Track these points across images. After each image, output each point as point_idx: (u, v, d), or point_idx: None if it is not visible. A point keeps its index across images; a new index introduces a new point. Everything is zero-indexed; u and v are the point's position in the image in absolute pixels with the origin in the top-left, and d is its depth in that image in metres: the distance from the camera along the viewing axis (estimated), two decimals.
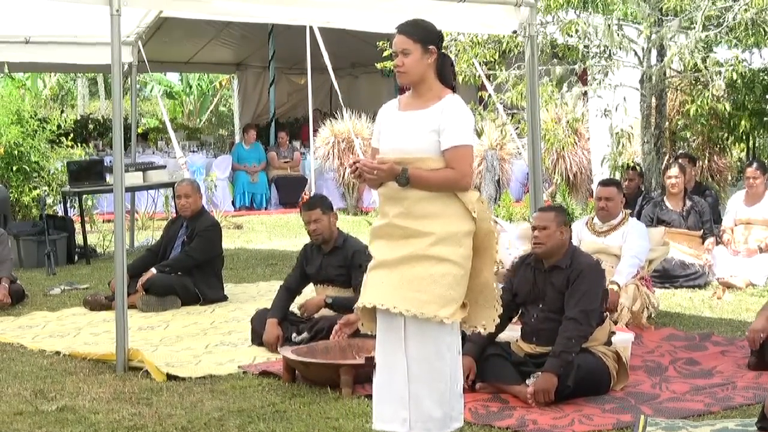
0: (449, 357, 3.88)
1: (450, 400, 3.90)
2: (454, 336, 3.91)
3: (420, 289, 3.79)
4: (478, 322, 3.99)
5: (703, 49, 9.05)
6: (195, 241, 7.77)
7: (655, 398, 4.95)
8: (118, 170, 5.70)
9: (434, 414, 3.84)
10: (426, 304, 3.79)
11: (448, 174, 3.87)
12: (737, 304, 7.29)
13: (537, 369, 4.89)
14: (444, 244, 3.82)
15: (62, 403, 4.94)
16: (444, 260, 3.81)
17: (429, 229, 3.83)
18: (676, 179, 8.26)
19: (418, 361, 3.82)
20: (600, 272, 5.22)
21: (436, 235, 3.82)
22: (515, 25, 6.92)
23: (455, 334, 3.91)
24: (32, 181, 10.68)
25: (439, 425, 3.87)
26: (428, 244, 3.82)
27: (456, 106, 3.93)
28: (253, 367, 5.63)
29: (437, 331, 3.82)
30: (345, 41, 14.54)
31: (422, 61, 3.96)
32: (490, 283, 3.93)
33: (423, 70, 3.98)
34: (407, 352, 3.83)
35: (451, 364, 3.89)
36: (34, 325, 7.04)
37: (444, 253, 3.81)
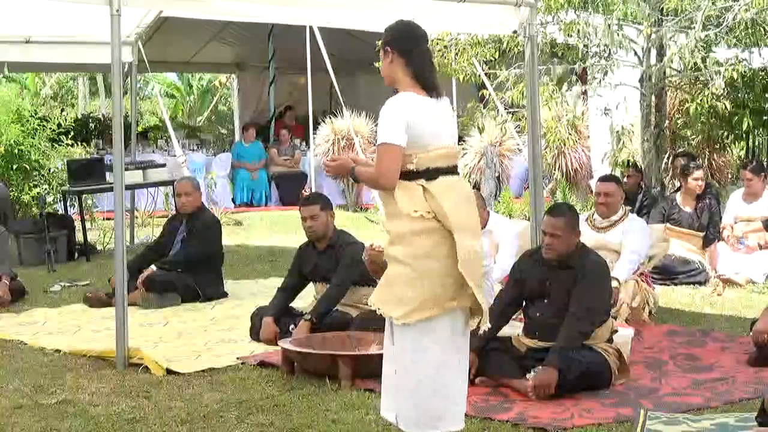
0: (419, 358, 3.79)
1: (425, 402, 3.80)
2: (425, 338, 3.78)
3: (384, 288, 3.85)
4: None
5: (703, 48, 9.06)
6: (194, 238, 7.78)
7: (655, 392, 4.96)
8: (118, 169, 5.70)
9: (408, 412, 3.81)
10: (385, 303, 3.81)
11: (371, 173, 3.87)
12: (737, 300, 7.30)
13: (538, 363, 4.90)
14: (396, 243, 3.81)
15: (62, 397, 4.95)
16: (396, 260, 3.80)
17: (388, 228, 3.86)
18: (703, 181, 8.34)
19: (395, 357, 3.85)
20: (607, 272, 5.26)
21: (391, 235, 3.84)
22: (515, 25, 6.93)
23: (425, 339, 3.78)
24: (32, 180, 10.67)
25: (412, 424, 3.81)
26: (388, 243, 3.87)
27: (386, 105, 3.86)
28: (251, 358, 5.66)
29: (399, 330, 3.80)
30: (345, 41, 14.55)
31: (385, 63, 3.94)
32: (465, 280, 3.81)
33: (389, 71, 3.94)
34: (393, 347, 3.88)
35: (423, 366, 3.79)
36: (34, 321, 7.04)
37: (395, 252, 3.80)
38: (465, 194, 3.89)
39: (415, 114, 3.79)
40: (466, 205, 3.85)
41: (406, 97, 3.84)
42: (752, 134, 11.30)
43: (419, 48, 3.91)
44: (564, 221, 5.13)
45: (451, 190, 3.82)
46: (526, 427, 4.43)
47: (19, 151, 10.45)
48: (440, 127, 3.88)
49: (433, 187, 3.79)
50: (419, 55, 3.90)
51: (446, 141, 3.90)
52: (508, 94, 10.01)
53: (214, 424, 4.51)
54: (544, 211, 5.71)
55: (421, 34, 3.97)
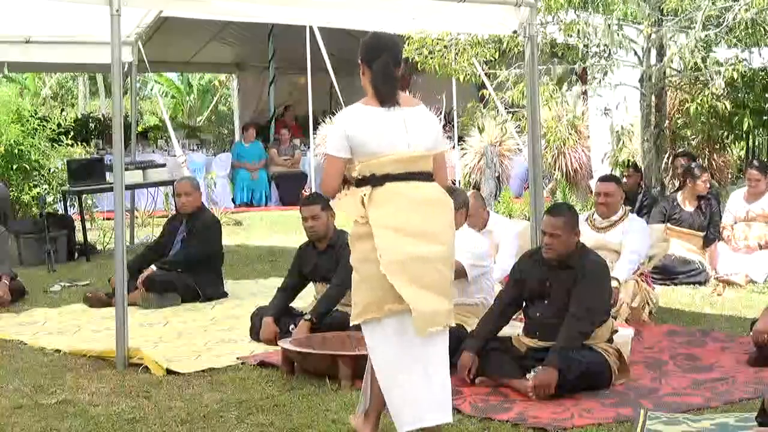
0: (373, 356, 4.02)
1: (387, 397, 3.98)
2: (375, 336, 3.98)
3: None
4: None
5: (703, 48, 9.06)
6: (194, 238, 7.78)
7: (655, 392, 4.95)
8: (118, 169, 5.70)
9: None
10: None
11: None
12: (737, 301, 7.30)
13: (538, 363, 4.90)
14: (351, 248, 4.09)
15: (62, 397, 4.95)
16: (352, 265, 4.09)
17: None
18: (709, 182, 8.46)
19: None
20: (606, 272, 5.26)
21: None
22: (515, 25, 6.93)
23: (375, 337, 3.98)
24: (32, 180, 10.67)
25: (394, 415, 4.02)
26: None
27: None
28: (251, 358, 5.67)
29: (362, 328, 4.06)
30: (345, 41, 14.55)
31: (362, 77, 4.11)
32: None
33: (363, 84, 4.11)
34: None
35: (377, 364, 4.00)
36: (34, 321, 7.05)
37: (350, 258, 4.11)
38: (418, 199, 3.99)
39: (355, 125, 4.00)
40: (416, 210, 3.97)
41: (349, 110, 4.09)
42: (752, 134, 11.30)
43: (379, 59, 4.05)
44: (563, 221, 5.13)
45: (398, 196, 3.97)
46: (526, 427, 4.43)
47: (19, 151, 10.45)
48: (391, 135, 4.00)
49: (376, 193, 3.97)
50: (377, 67, 4.04)
51: (400, 148, 4.01)
52: (508, 94, 10.01)
53: (214, 424, 4.51)
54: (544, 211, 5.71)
55: (384, 45, 4.10)
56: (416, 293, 3.91)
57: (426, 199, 4.02)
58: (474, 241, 5.66)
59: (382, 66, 4.04)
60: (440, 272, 4.00)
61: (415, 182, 4.02)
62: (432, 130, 4.14)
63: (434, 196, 4.07)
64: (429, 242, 3.97)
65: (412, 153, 4.04)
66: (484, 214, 7.15)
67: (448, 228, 4.09)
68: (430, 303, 3.94)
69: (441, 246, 4.00)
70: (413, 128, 4.07)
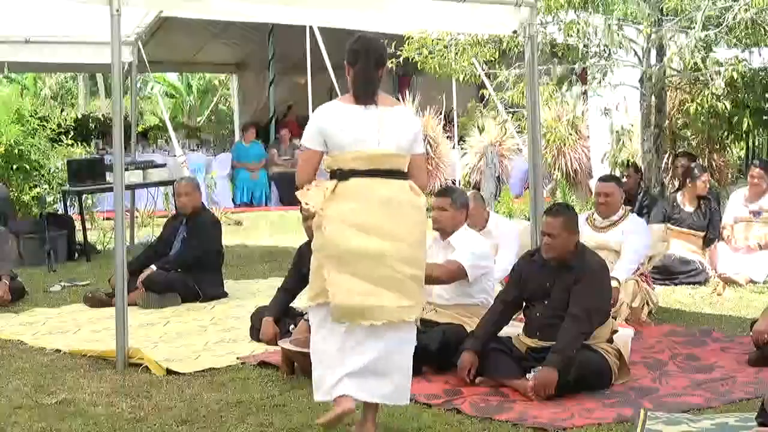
0: (313, 338, 4.29)
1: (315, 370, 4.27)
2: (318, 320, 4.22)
3: None
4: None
5: (703, 48, 9.06)
6: (195, 238, 7.78)
7: (655, 392, 4.96)
8: (118, 169, 5.71)
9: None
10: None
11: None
12: (737, 300, 7.31)
13: (538, 363, 4.91)
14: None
15: (62, 397, 4.96)
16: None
17: None
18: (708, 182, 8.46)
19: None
20: (606, 272, 5.27)
21: None
22: (515, 25, 6.93)
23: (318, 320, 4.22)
24: (32, 180, 10.66)
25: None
26: None
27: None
28: (251, 358, 5.67)
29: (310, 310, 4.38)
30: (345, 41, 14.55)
31: (347, 76, 4.29)
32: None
33: (348, 83, 4.28)
34: None
35: (314, 343, 4.27)
36: (34, 321, 7.05)
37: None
38: (380, 196, 4.10)
39: (329, 121, 4.17)
40: (376, 206, 4.09)
41: (325, 106, 4.27)
42: (752, 134, 11.30)
43: (359, 61, 4.21)
44: (562, 221, 5.13)
45: (361, 192, 4.10)
46: (526, 427, 4.43)
47: (19, 151, 10.44)
48: (363, 132, 4.13)
49: (341, 187, 4.12)
50: (358, 67, 4.21)
51: (369, 145, 4.12)
52: (508, 94, 10.01)
53: (214, 424, 4.51)
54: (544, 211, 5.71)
55: (365, 47, 4.25)
56: (348, 284, 4.05)
57: (389, 198, 4.12)
58: (475, 242, 5.66)
59: (362, 67, 4.20)
60: (393, 268, 4.09)
61: (382, 179, 4.13)
62: (408, 131, 4.23)
63: (399, 195, 4.15)
64: (383, 239, 4.07)
65: (380, 151, 4.14)
66: (484, 214, 7.15)
67: (412, 227, 4.16)
68: (370, 296, 4.05)
69: (399, 243, 4.10)
70: (387, 127, 4.17)
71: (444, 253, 5.65)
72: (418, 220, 4.19)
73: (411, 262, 4.15)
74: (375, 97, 4.20)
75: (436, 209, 5.70)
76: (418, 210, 4.20)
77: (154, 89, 24.38)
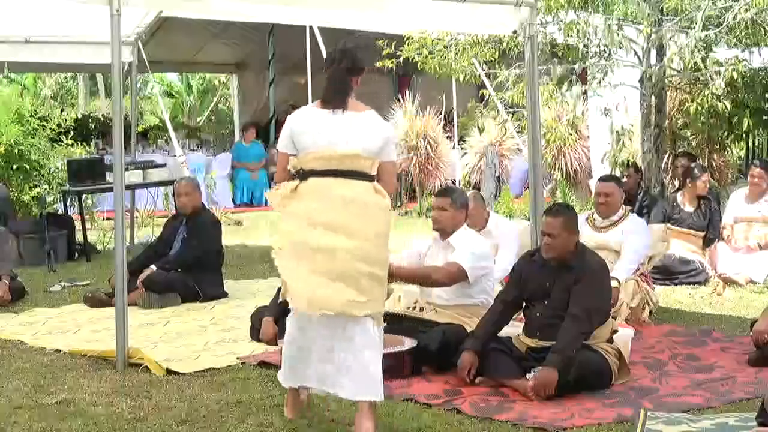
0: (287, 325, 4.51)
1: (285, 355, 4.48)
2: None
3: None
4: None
5: (703, 48, 9.06)
6: (195, 238, 7.79)
7: (655, 392, 4.96)
8: (118, 169, 5.70)
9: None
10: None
11: None
12: (737, 301, 7.31)
13: (538, 364, 4.90)
14: None
15: (62, 397, 4.95)
16: None
17: None
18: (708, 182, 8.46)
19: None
20: (607, 272, 5.27)
21: None
22: (515, 25, 6.93)
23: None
24: (32, 180, 10.66)
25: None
26: None
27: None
28: (251, 358, 5.67)
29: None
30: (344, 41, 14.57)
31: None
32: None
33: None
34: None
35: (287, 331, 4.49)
36: (34, 321, 7.04)
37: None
38: (338, 195, 4.24)
39: (298, 124, 4.35)
40: (333, 204, 4.23)
41: (298, 111, 4.45)
42: (752, 134, 11.32)
43: (332, 66, 4.39)
44: (562, 221, 5.13)
45: (323, 191, 4.26)
46: (526, 427, 4.43)
47: (19, 151, 10.44)
48: (328, 135, 4.29)
49: (303, 187, 4.30)
50: (330, 72, 4.39)
51: (336, 147, 4.27)
52: (508, 94, 10.01)
53: (214, 424, 4.52)
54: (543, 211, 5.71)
55: (341, 54, 4.42)
56: (303, 275, 4.25)
57: (353, 198, 4.25)
58: (474, 242, 5.65)
59: (334, 73, 4.37)
60: (349, 265, 4.21)
61: (342, 179, 4.27)
62: (376, 136, 4.34)
63: (364, 196, 4.27)
64: (338, 234, 4.22)
65: (339, 151, 4.27)
66: (484, 214, 7.15)
67: (375, 227, 4.27)
68: (321, 287, 4.21)
69: (354, 241, 4.21)
70: (354, 130, 4.30)
71: (444, 253, 5.65)
72: (382, 220, 4.31)
73: (370, 260, 4.26)
74: (344, 102, 4.33)
75: (436, 209, 5.71)
76: (384, 211, 4.32)
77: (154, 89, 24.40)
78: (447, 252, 5.63)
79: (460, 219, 5.69)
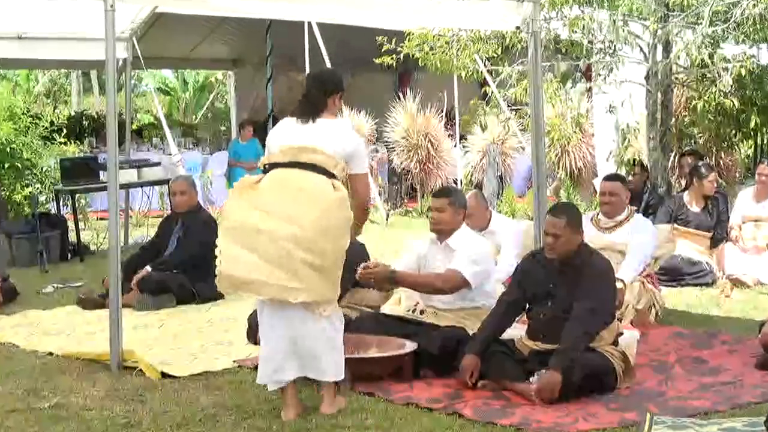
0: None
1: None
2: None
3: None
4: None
5: (710, 44, 9.05)
6: (190, 237, 7.79)
7: (661, 396, 4.95)
8: (112, 167, 5.71)
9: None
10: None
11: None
12: (745, 302, 7.30)
13: (541, 367, 4.90)
14: None
15: (55, 401, 4.96)
16: None
17: None
18: (716, 181, 8.46)
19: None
20: (611, 273, 5.27)
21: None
22: (518, 20, 6.92)
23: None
24: (25, 179, 10.69)
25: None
26: None
27: None
28: (248, 361, 5.67)
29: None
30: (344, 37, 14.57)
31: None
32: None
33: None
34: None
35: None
36: (27, 324, 7.05)
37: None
38: (289, 183, 4.52)
39: (272, 133, 4.78)
40: (282, 191, 4.50)
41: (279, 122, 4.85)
42: (760, 132, 11.30)
43: (307, 86, 4.79)
44: (565, 221, 5.13)
45: (273, 179, 4.56)
46: (529, 431, 4.43)
47: (11, 150, 10.46)
48: (294, 136, 4.63)
49: (263, 179, 4.60)
50: (305, 91, 4.78)
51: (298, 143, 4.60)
52: (511, 91, 10.00)
53: (210, 428, 4.52)
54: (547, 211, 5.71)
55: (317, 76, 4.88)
56: (237, 254, 4.45)
57: (302, 187, 4.50)
58: (474, 245, 5.61)
59: (308, 92, 4.74)
60: (285, 249, 4.42)
61: (299, 170, 4.54)
62: (343, 140, 4.64)
63: (310, 185, 4.51)
64: (281, 220, 4.43)
65: (298, 144, 4.58)
66: (486, 214, 7.15)
67: (320, 217, 4.46)
68: (256, 271, 4.43)
69: (300, 229, 4.42)
70: (321, 133, 4.61)
71: (443, 255, 5.65)
72: (332, 213, 4.50)
73: (310, 249, 4.44)
74: (315, 116, 4.66)
75: (434, 210, 5.69)
76: (336, 205, 4.51)
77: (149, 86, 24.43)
78: (446, 254, 5.62)
79: (459, 220, 5.68)
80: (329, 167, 4.56)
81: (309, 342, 4.57)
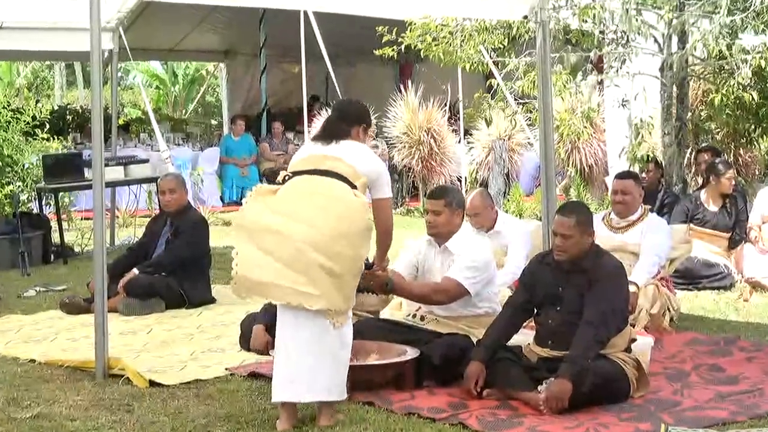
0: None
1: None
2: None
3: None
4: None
5: (728, 35, 9.05)
6: (180, 238, 7.80)
7: (676, 406, 4.96)
8: (97, 165, 5.72)
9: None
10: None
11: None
12: (765, 306, 7.31)
13: (550, 375, 4.91)
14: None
15: (37, 411, 4.96)
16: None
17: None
18: (734, 179, 8.45)
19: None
20: (623, 275, 5.27)
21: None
22: (525, 9, 6.94)
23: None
24: (5, 177, 10.67)
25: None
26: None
27: None
28: (241, 369, 5.69)
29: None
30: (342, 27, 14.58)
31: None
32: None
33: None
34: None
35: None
36: (7, 329, 7.05)
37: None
38: (307, 188, 4.65)
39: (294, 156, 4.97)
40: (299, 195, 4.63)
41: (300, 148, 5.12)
42: None
43: (331, 114, 5.10)
44: (575, 221, 5.13)
45: (296, 184, 4.69)
46: None
47: None
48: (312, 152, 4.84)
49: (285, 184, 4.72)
50: (328, 118, 5.08)
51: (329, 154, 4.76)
52: (518, 84, 10.01)
53: None
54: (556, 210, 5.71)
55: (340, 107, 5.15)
56: (252, 256, 4.54)
57: (315, 190, 4.63)
58: (473, 250, 5.56)
59: (330, 119, 5.00)
60: (300, 251, 4.50)
61: (318, 176, 4.67)
62: (368, 161, 4.78)
63: (329, 190, 4.62)
64: (296, 222, 4.54)
65: (320, 152, 4.75)
66: (492, 213, 7.15)
67: (337, 221, 4.54)
68: (269, 272, 4.51)
69: (316, 232, 4.51)
70: (345, 150, 4.76)
71: (442, 259, 5.63)
72: (351, 220, 4.56)
73: (325, 252, 4.51)
74: (339, 140, 4.82)
75: (430, 213, 5.66)
76: (356, 213, 4.58)
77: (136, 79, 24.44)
78: (445, 258, 5.60)
79: (456, 222, 5.65)
80: (351, 178, 4.67)
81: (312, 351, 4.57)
